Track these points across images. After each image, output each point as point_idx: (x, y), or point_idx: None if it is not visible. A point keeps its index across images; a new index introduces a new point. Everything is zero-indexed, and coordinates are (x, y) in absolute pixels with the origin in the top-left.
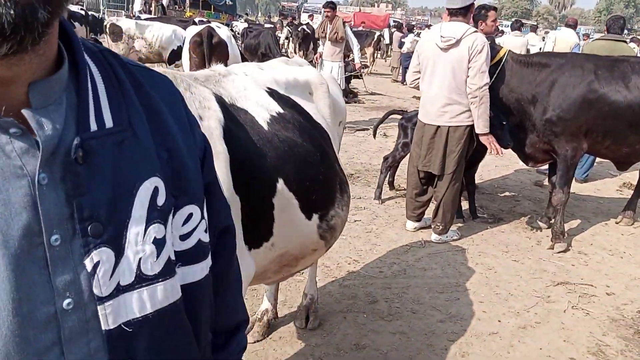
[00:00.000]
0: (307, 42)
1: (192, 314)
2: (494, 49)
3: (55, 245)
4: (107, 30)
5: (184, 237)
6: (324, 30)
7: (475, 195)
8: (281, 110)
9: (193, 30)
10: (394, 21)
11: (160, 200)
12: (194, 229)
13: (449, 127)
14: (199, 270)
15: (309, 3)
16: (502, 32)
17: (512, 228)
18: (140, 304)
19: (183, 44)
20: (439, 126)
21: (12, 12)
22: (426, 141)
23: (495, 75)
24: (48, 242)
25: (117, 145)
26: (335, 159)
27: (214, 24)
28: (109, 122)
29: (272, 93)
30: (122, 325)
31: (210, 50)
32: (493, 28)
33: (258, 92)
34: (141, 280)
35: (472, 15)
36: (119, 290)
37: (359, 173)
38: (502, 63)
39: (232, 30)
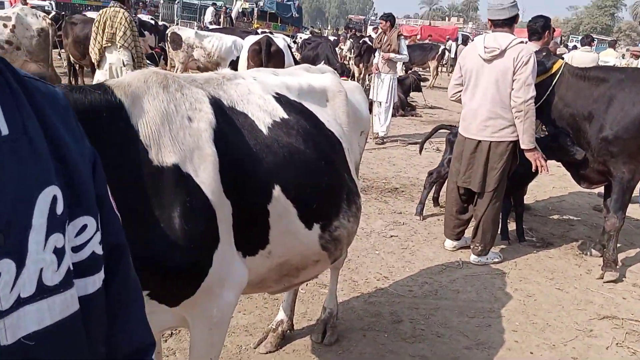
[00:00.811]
0: (369, 54)
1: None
2: (549, 60)
3: None
4: (168, 38)
5: (77, 249)
6: (380, 42)
7: (526, 217)
8: (285, 116)
9: (252, 39)
10: (463, 35)
11: (59, 209)
12: (88, 241)
13: (491, 142)
14: (91, 283)
15: (377, 17)
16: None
17: (562, 254)
18: (40, 315)
19: (241, 53)
20: (480, 141)
21: None
22: (466, 156)
23: (550, 89)
24: None
25: (14, 152)
26: (346, 168)
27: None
28: (4, 130)
29: (280, 98)
30: (22, 339)
31: (267, 58)
32: (550, 41)
33: (263, 97)
34: (42, 291)
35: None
36: (19, 302)
37: (404, 187)
38: (557, 76)
39: (295, 42)
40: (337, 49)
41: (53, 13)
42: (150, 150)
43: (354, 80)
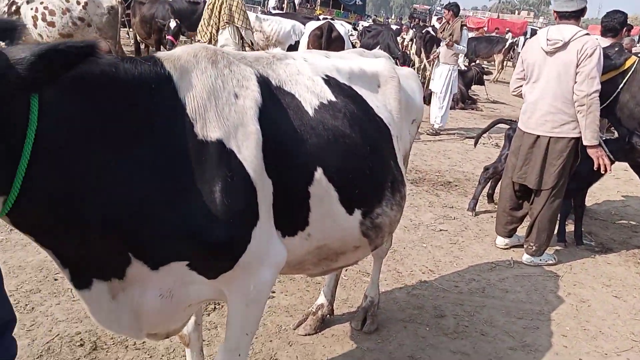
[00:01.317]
0: (431, 44)
1: None
2: (621, 56)
3: None
4: None
5: None
6: (443, 31)
7: (585, 220)
8: (333, 99)
9: (313, 24)
10: (532, 29)
11: None
12: None
13: (550, 137)
14: None
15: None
16: None
17: (622, 261)
18: None
19: (300, 38)
20: (538, 136)
21: None
22: (524, 151)
23: (621, 87)
24: None
25: None
26: (393, 156)
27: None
28: None
29: (329, 81)
30: None
31: (327, 44)
32: (623, 37)
33: (312, 78)
34: None
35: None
36: None
37: (458, 182)
38: (630, 73)
39: (355, 29)
40: (398, 38)
41: None
42: (196, 124)
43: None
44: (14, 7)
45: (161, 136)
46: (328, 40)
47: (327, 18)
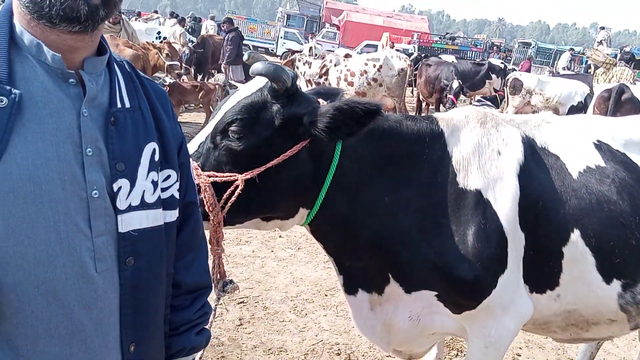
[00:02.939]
0: None
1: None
2: None
3: (89, 155)
4: (508, 83)
5: (163, 190)
6: None
7: None
8: (602, 164)
9: (603, 86)
10: None
11: (156, 158)
12: (170, 186)
13: None
14: (169, 215)
15: None
16: None
17: None
18: (141, 220)
19: (585, 99)
20: None
21: (86, 8)
22: None
23: None
24: (84, 152)
25: (132, 118)
26: None
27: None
28: (127, 104)
29: (600, 146)
30: (130, 231)
31: (616, 107)
32: None
33: (581, 142)
34: (143, 204)
35: None
36: (130, 208)
37: None
38: None
39: None
40: None
41: (414, 55)
42: (459, 174)
43: None
44: (324, 69)
45: (427, 181)
46: (617, 103)
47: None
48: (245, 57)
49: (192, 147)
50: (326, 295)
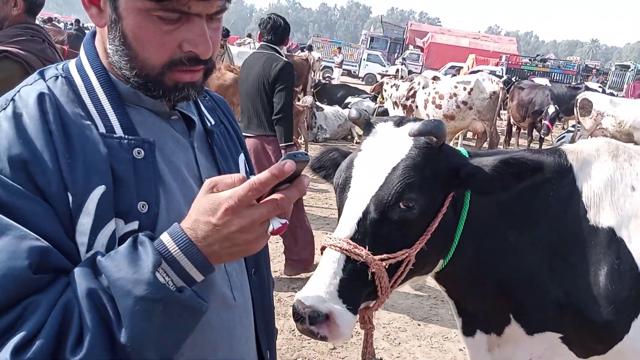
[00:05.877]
0: None
1: None
2: None
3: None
4: (578, 104)
5: None
6: None
7: None
8: None
9: None
10: None
11: (247, 167)
12: None
13: None
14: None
15: None
16: None
17: None
18: None
19: None
20: None
21: (195, 94)
22: None
23: None
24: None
25: (220, 133)
26: None
27: None
28: (212, 119)
29: None
30: None
31: None
32: None
33: None
34: None
35: None
36: None
37: None
38: None
39: None
40: None
41: (504, 77)
42: (590, 210)
43: None
44: (412, 92)
45: (556, 218)
46: None
47: None
48: (354, 115)
49: (345, 229)
50: (419, 325)
